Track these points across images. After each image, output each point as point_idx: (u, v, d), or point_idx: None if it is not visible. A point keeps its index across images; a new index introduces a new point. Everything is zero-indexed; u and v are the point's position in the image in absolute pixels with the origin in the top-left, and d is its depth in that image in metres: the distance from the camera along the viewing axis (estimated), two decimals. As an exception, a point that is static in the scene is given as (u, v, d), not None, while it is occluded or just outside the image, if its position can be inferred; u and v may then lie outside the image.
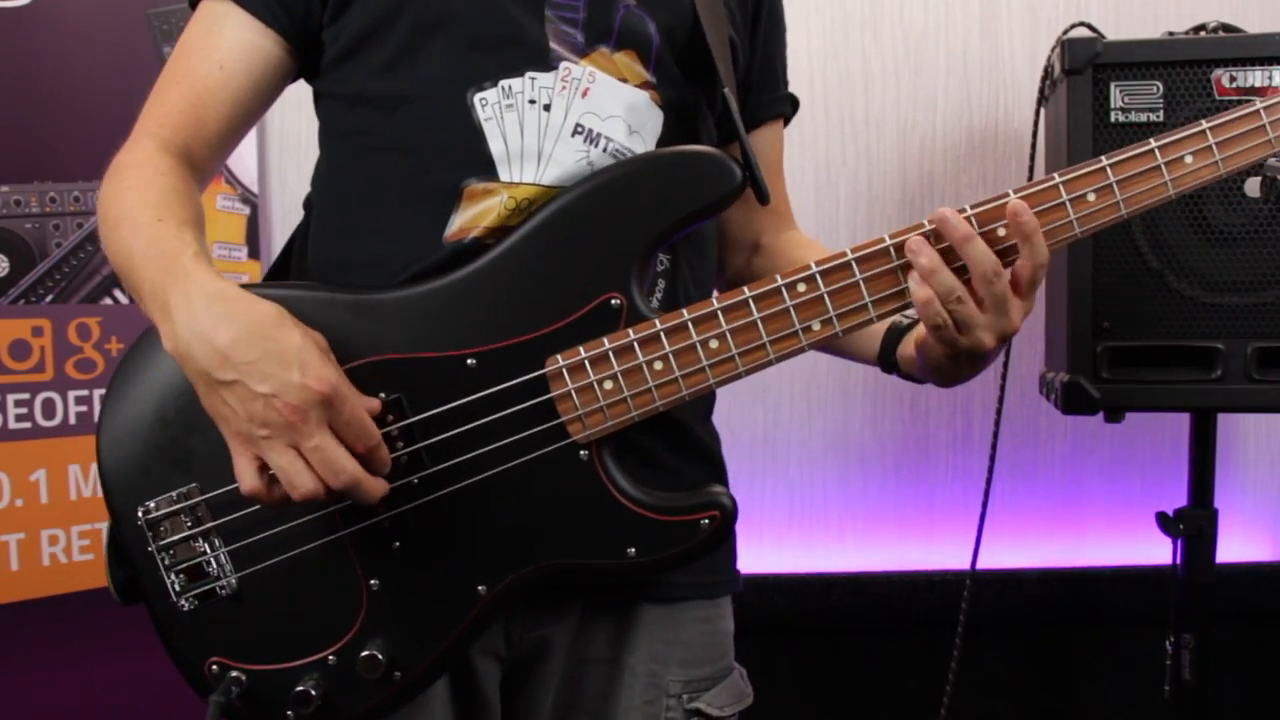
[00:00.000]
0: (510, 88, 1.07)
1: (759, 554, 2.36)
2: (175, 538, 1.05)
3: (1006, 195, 1.00)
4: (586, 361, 1.02)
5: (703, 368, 1.02)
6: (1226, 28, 1.82)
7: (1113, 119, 1.74)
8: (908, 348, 1.13)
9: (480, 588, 1.04)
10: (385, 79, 1.10)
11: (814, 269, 1.02)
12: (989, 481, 2.08)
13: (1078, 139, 1.75)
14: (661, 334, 1.02)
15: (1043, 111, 1.99)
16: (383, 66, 1.10)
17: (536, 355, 1.02)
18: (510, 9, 1.08)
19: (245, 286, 1.01)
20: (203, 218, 1.09)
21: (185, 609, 1.05)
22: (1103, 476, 2.41)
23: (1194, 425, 1.94)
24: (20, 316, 1.87)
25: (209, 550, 1.05)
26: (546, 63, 1.08)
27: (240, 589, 1.05)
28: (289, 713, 1.04)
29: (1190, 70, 1.72)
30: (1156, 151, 1.02)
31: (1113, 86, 1.74)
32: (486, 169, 1.07)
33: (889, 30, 2.36)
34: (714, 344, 1.02)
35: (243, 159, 2.18)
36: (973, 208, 1.01)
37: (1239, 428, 2.41)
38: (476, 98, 1.07)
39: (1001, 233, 1.00)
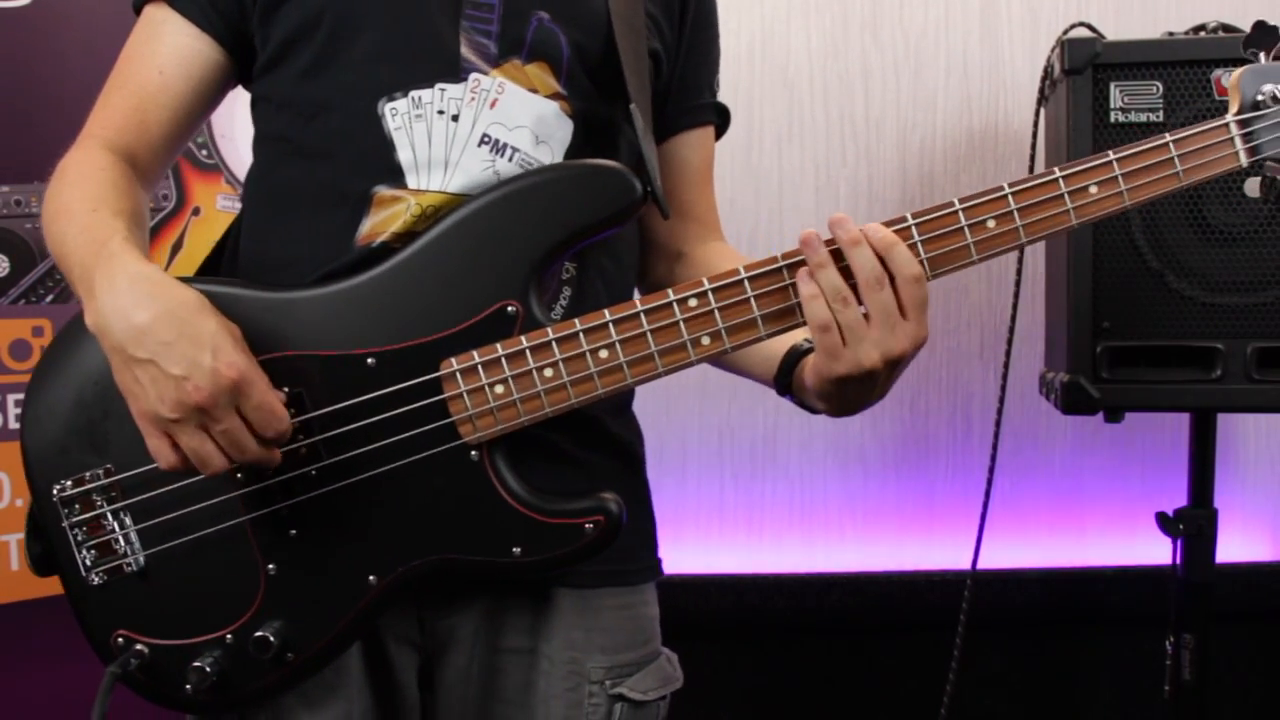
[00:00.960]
0: (420, 99, 1.11)
1: (759, 554, 2.34)
2: (87, 516, 1.09)
3: (904, 218, 1.02)
4: (479, 365, 1.05)
5: (590, 375, 1.05)
6: (1226, 28, 1.82)
7: (1113, 119, 1.75)
8: (802, 370, 1.13)
9: (371, 578, 1.08)
10: (305, 85, 1.13)
11: (706, 285, 1.04)
12: (989, 481, 2.08)
13: (1078, 139, 1.75)
14: (553, 342, 1.05)
15: (1043, 111, 1.99)
16: (303, 72, 1.13)
17: (433, 357, 1.06)
18: (426, 19, 1.11)
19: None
20: (141, 211, 1.12)
21: (95, 583, 1.10)
22: (1103, 476, 2.41)
23: (1194, 425, 1.94)
24: (20, 316, 1.87)
25: (118, 529, 1.09)
26: (457, 74, 1.11)
27: (147, 567, 1.09)
28: (186, 686, 1.07)
29: (1190, 70, 1.73)
30: (1060, 181, 1.02)
31: (1113, 86, 1.74)
32: (395, 176, 1.10)
33: (889, 30, 2.36)
34: (603, 354, 1.05)
35: (242, 158, 2.18)
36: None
37: (1239, 428, 2.41)
38: (388, 107, 1.11)
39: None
